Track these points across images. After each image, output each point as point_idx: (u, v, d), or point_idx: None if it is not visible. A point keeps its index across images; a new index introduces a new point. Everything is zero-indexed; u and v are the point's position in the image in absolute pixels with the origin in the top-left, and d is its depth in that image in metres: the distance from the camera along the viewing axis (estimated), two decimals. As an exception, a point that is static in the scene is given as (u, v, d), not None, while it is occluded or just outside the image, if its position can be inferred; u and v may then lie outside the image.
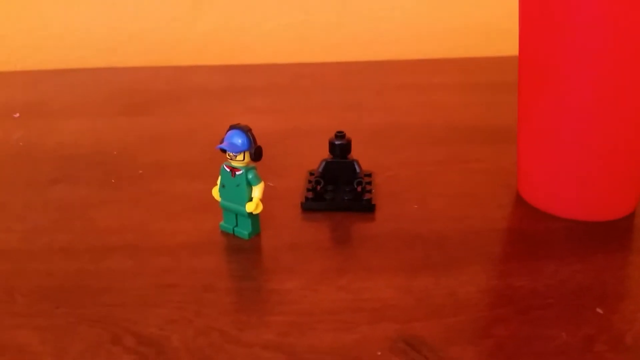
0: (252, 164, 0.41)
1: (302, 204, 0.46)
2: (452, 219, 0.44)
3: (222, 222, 0.43)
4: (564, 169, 0.42)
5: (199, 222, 0.44)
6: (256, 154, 0.40)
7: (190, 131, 0.61)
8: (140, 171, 0.53)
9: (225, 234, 0.43)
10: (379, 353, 0.32)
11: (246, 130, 0.40)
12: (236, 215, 0.42)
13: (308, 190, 0.47)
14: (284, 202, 0.47)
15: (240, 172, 0.41)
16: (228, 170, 0.41)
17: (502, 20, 0.85)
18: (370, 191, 0.46)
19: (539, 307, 0.35)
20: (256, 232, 0.43)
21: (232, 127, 0.40)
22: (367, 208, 0.45)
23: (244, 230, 0.42)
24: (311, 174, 0.49)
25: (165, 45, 0.86)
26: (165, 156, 0.56)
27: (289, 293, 0.37)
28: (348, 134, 0.47)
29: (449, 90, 0.71)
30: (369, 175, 0.49)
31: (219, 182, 0.42)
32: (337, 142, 0.46)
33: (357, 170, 0.47)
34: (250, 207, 0.41)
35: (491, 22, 0.86)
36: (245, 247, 0.41)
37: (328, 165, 0.47)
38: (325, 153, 0.47)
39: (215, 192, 0.43)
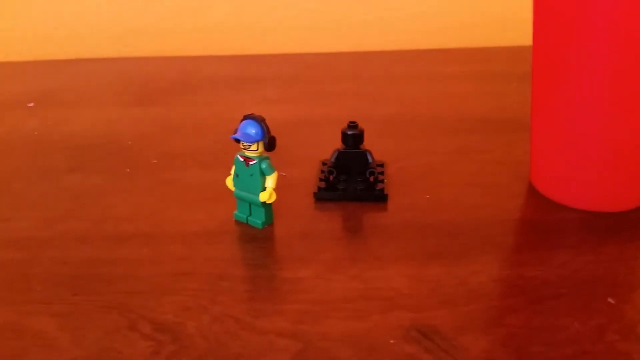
0: (266, 154, 0.41)
1: (314, 193, 0.46)
2: (463, 208, 0.44)
3: (235, 212, 0.44)
4: (577, 159, 0.42)
5: (213, 211, 0.45)
6: (270, 144, 0.41)
7: (203, 121, 0.61)
8: (155, 160, 0.53)
9: (238, 223, 0.43)
10: (392, 341, 0.32)
11: (260, 120, 0.40)
12: (250, 204, 0.43)
13: (321, 180, 0.47)
14: (296, 192, 0.47)
15: (254, 162, 0.41)
16: (242, 160, 0.42)
17: (514, 10, 0.85)
18: (382, 181, 0.47)
19: (551, 297, 0.35)
20: (269, 222, 0.43)
21: (246, 117, 0.41)
22: (380, 198, 0.45)
23: (258, 220, 0.43)
24: (324, 163, 0.49)
25: (177, 35, 0.86)
26: (178, 146, 0.56)
27: (302, 282, 0.37)
28: (360, 124, 0.47)
29: (461, 80, 0.71)
30: (381, 165, 0.49)
31: (232, 171, 0.43)
32: (349, 132, 0.47)
33: (370, 160, 0.47)
34: (263, 197, 0.41)
35: (503, 12, 0.86)
36: (258, 236, 0.42)
37: (341, 155, 0.47)
38: (337, 143, 0.48)
39: (229, 182, 0.43)
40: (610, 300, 0.35)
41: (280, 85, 0.70)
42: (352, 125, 0.47)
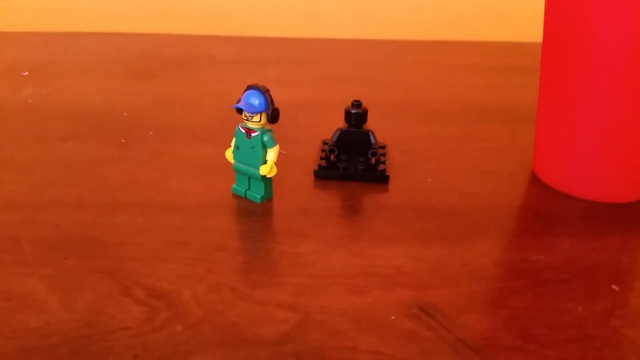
0: (268, 126, 0.40)
1: (314, 171, 0.45)
2: (466, 193, 0.44)
3: (234, 185, 0.43)
4: (582, 150, 0.42)
5: (210, 184, 0.44)
6: (273, 116, 0.40)
7: (201, 97, 0.60)
8: (151, 132, 0.52)
9: (236, 197, 0.42)
10: (393, 317, 0.31)
11: (264, 91, 0.39)
12: (249, 178, 0.42)
13: (321, 158, 0.46)
14: (297, 170, 0.46)
15: (256, 133, 0.40)
16: (243, 131, 0.41)
17: (515, 6, 0.85)
18: (384, 162, 0.46)
19: (555, 281, 0.35)
20: (268, 197, 0.42)
21: (249, 87, 0.40)
22: (381, 179, 0.45)
23: (257, 194, 0.42)
24: (325, 143, 0.48)
25: (178, 14, 0.85)
26: (176, 120, 0.55)
27: (302, 256, 0.36)
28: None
29: (463, 70, 0.70)
30: (383, 147, 0.49)
31: (232, 144, 0.42)
32: (353, 111, 0.46)
33: (372, 140, 0.46)
34: (264, 170, 0.40)
35: (503, 9, 0.85)
36: (257, 210, 0.41)
37: (343, 134, 0.46)
38: (339, 124, 0.47)
39: (229, 154, 0.42)
40: (614, 287, 0.34)
41: (281, 67, 0.69)
42: (357, 104, 0.46)
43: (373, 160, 0.45)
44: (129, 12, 0.85)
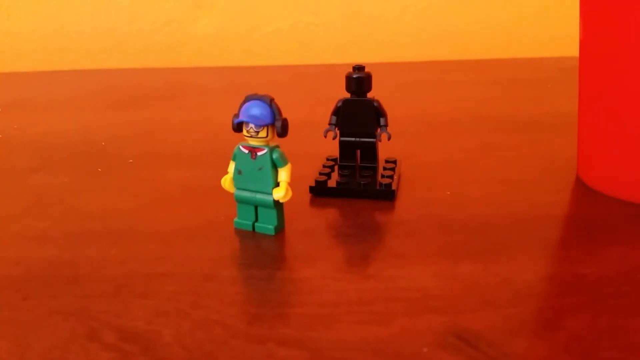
0: (275, 142, 0.34)
1: (310, 187, 0.40)
2: (493, 204, 0.38)
3: (236, 219, 0.36)
4: (628, 150, 0.37)
5: (197, 209, 0.38)
6: (283, 129, 0.33)
7: (188, 124, 0.55)
8: (131, 160, 0.46)
9: (227, 221, 0.36)
10: (426, 350, 0.25)
11: (269, 101, 0.33)
12: (256, 207, 0.35)
13: (320, 174, 0.40)
14: (295, 189, 0.40)
15: (263, 152, 0.34)
16: (246, 151, 0.34)
17: (515, 23, 0.81)
18: (391, 177, 0.40)
19: (614, 295, 0.29)
20: (282, 227, 0.35)
21: (249, 98, 0.34)
22: (386, 195, 0.39)
23: (269, 224, 0.35)
24: (328, 159, 0.43)
25: (163, 48, 0.81)
26: (158, 146, 0.50)
27: (307, 282, 0.30)
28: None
29: (468, 86, 0.66)
30: (394, 161, 0.43)
31: (230, 169, 0.35)
32: (355, 76, 0.40)
33: (380, 111, 0.40)
34: (279, 194, 0.34)
35: (503, 26, 0.82)
36: (250, 234, 0.35)
37: (345, 105, 0.40)
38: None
39: (227, 183, 0.35)
40: (688, 298, 0.28)
41: (275, 92, 0.64)
42: (359, 67, 0.40)
43: (382, 136, 0.40)
44: (112, 48, 0.80)
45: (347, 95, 0.41)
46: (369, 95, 0.41)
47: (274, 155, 0.34)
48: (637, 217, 0.36)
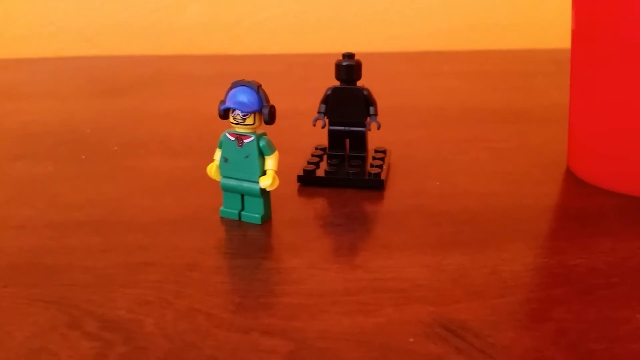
0: (262, 129, 0.34)
1: (298, 177, 0.39)
2: (482, 195, 0.37)
3: (222, 207, 0.35)
4: (619, 141, 0.36)
5: (182, 198, 0.37)
6: (271, 116, 0.33)
7: (174, 112, 0.54)
8: (115, 148, 0.46)
9: (213, 210, 0.36)
10: (412, 340, 0.25)
11: (256, 87, 0.33)
12: (242, 196, 0.35)
13: (309, 163, 0.40)
14: (283, 178, 0.39)
15: (250, 139, 0.33)
16: (233, 139, 0.33)
17: (508, 15, 0.81)
18: (380, 167, 0.40)
19: (603, 286, 0.28)
20: (268, 216, 0.35)
21: (236, 84, 0.33)
22: (375, 184, 0.38)
23: (255, 214, 0.34)
24: (317, 148, 0.42)
25: (150, 35, 0.80)
26: (144, 135, 0.49)
27: (293, 271, 0.30)
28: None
29: (459, 77, 0.65)
30: (383, 151, 0.42)
31: (216, 157, 0.34)
32: (344, 64, 0.39)
33: (370, 100, 0.39)
34: (265, 182, 0.33)
35: (496, 17, 0.81)
36: (236, 223, 0.34)
37: (334, 93, 0.40)
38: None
39: (213, 170, 0.35)
40: (676, 290, 0.28)
41: (264, 81, 0.64)
42: (348, 55, 0.39)
43: (371, 126, 0.39)
44: (98, 35, 0.79)
45: (337, 83, 0.40)
46: (359, 83, 0.40)
47: (261, 143, 0.33)
48: (627, 208, 0.36)
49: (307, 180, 0.39)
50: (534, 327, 0.26)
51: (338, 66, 0.39)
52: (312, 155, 0.41)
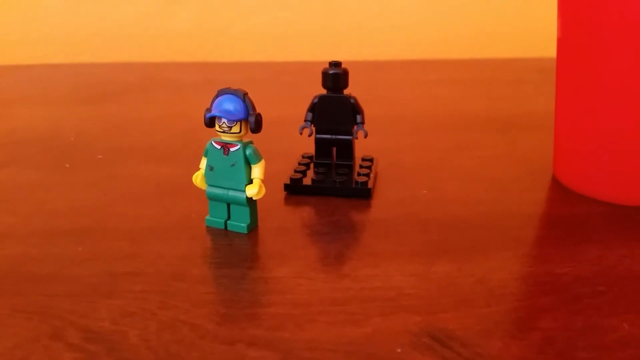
0: (248, 138, 0.33)
1: (285, 185, 0.39)
2: (469, 203, 0.37)
3: (208, 217, 0.35)
4: (604, 150, 0.37)
5: (168, 206, 0.37)
6: (257, 124, 0.32)
7: (160, 119, 0.54)
8: (100, 156, 0.45)
9: (199, 219, 0.35)
10: (399, 350, 0.25)
11: (242, 95, 0.32)
12: (228, 205, 0.34)
13: (296, 171, 0.40)
14: (269, 186, 0.39)
15: (236, 147, 0.33)
16: (219, 147, 0.33)
17: (494, 24, 0.81)
18: (368, 175, 0.39)
19: (589, 295, 0.28)
20: (254, 225, 0.35)
21: (221, 92, 0.33)
22: (362, 193, 0.38)
23: (241, 222, 0.34)
24: (304, 156, 0.42)
25: (137, 42, 0.79)
26: (129, 142, 0.48)
27: (280, 281, 0.29)
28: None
29: (446, 85, 0.65)
30: (370, 159, 0.42)
31: (203, 165, 0.34)
32: (331, 72, 0.39)
33: (357, 109, 0.39)
34: (252, 191, 0.33)
35: (482, 26, 0.82)
36: (222, 232, 0.34)
37: (321, 101, 0.39)
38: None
39: (199, 179, 0.34)
40: (661, 298, 0.28)
41: (250, 89, 0.63)
42: (335, 63, 0.39)
43: (359, 134, 0.39)
44: (84, 42, 0.79)
45: (324, 92, 0.40)
46: (346, 92, 0.40)
47: (247, 151, 0.33)
48: (613, 216, 0.36)
49: (294, 189, 0.39)
50: (521, 336, 0.26)
51: (325, 74, 0.39)
52: (299, 164, 0.41)
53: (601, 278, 0.30)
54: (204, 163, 0.34)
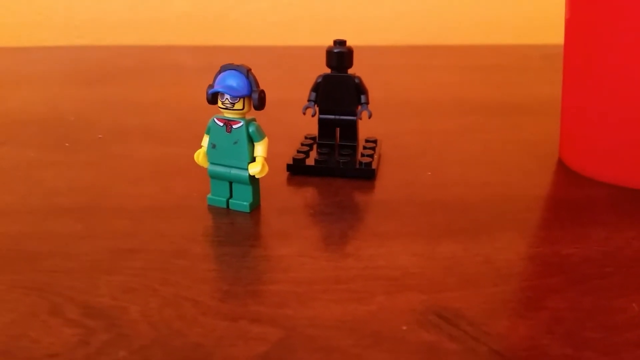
0: (251, 115, 0.33)
1: (288, 165, 0.38)
2: (474, 185, 0.37)
3: (210, 195, 0.34)
4: (611, 132, 0.36)
5: (168, 186, 0.37)
6: (260, 101, 0.32)
7: (160, 101, 0.53)
8: (100, 135, 0.45)
9: (201, 198, 0.35)
10: (405, 327, 0.24)
11: (245, 71, 0.32)
12: (230, 183, 0.34)
13: (298, 152, 0.39)
14: (272, 166, 0.39)
15: (239, 124, 0.32)
16: (221, 124, 0.32)
17: (497, 11, 0.80)
18: (371, 156, 0.39)
19: (597, 276, 0.28)
20: (257, 204, 0.34)
21: (225, 68, 0.32)
22: (366, 174, 0.38)
23: (244, 201, 0.33)
24: (307, 137, 0.42)
25: (137, 25, 0.78)
26: (130, 122, 0.48)
27: (283, 259, 0.29)
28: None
29: (450, 71, 0.65)
30: (374, 141, 0.42)
31: (205, 142, 0.33)
32: (336, 51, 0.38)
33: (362, 89, 0.39)
34: (254, 169, 0.32)
35: (484, 13, 0.81)
36: (224, 211, 0.34)
37: (325, 81, 0.39)
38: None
39: (201, 157, 0.34)
40: (671, 280, 0.28)
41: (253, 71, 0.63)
42: (340, 42, 0.39)
43: (363, 114, 0.39)
44: (83, 25, 0.78)
45: (328, 71, 0.39)
46: (350, 72, 0.39)
47: (250, 129, 0.32)
48: (619, 199, 0.35)
49: (297, 169, 0.38)
50: (528, 315, 0.25)
51: (329, 53, 0.39)
52: (302, 144, 0.40)
53: (609, 259, 0.29)
54: (206, 140, 0.34)
